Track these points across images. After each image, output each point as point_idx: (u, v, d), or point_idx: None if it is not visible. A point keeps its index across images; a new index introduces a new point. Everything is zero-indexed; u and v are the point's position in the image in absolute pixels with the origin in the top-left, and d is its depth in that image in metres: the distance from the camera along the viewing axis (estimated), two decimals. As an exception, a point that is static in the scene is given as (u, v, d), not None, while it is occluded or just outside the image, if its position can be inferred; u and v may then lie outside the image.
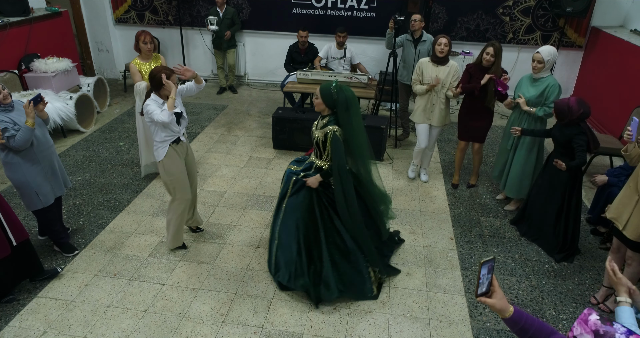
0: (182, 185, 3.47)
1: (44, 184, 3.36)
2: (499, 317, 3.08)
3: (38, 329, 2.98)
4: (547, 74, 3.89)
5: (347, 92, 2.99)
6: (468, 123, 4.42)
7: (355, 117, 3.03)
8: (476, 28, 6.84)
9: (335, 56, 6.04)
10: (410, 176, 4.91)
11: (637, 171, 2.88)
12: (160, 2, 7.40)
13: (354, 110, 3.01)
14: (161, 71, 3.18)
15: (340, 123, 3.02)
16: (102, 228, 3.99)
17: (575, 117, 3.37)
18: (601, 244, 3.93)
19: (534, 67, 3.83)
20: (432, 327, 3.06)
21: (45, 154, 3.36)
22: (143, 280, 3.41)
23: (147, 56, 4.28)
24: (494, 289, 1.64)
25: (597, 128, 6.02)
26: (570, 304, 3.29)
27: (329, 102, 2.99)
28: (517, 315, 1.62)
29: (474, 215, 4.32)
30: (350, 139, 3.05)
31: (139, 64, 4.26)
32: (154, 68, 3.25)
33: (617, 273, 1.83)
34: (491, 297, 1.63)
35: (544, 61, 3.76)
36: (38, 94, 3.30)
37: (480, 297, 1.63)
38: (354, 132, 3.03)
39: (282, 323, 3.06)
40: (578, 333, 1.45)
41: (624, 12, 6.41)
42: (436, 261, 3.68)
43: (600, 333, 1.41)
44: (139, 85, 4.19)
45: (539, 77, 3.88)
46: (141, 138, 4.50)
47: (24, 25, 5.85)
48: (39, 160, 3.31)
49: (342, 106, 2.96)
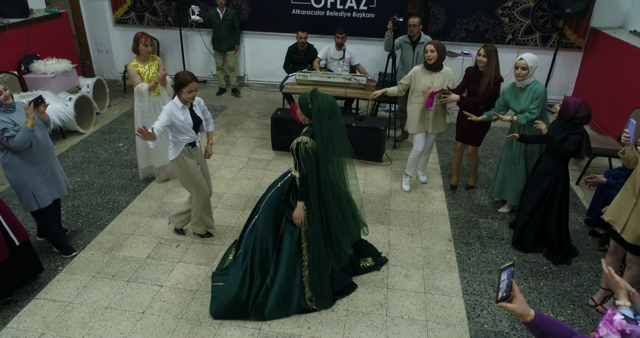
0: (198, 183, 3.57)
1: (42, 186, 3.37)
2: (494, 320, 3.10)
3: (36, 331, 2.98)
4: (532, 80, 3.81)
5: (322, 101, 2.82)
6: (465, 125, 4.39)
7: (334, 128, 2.85)
8: (475, 29, 6.84)
9: (334, 57, 6.04)
10: (406, 190, 4.71)
11: (635, 174, 2.87)
12: (159, 3, 7.41)
13: (333, 120, 2.84)
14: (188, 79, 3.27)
15: (314, 133, 2.86)
16: (100, 230, 4.00)
17: (577, 117, 3.32)
18: (599, 246, 3.92)
19: (518, 75, 3.73)
20: (430, 328, 3.06)
21: (45, 156, 3.36)
22: (141, 282, 3.42)
23: (145, 57, 4.28)
24: (514, 294, 1.65)
25: (596, 129, 6.02)
26: (568, 306, 3.29)
27: (306, 111, 2.88)
28: (538, 318, 1.63)
29: (472, 216, 4.33)
30: (324, 151, 2.87)
31: (137, 66, 4.26)
32: (181, 72, 3.32)
33: (615, 276, 1.82)
34: (511, 302, 1.64)
35: (528, 67, 3.68)
36: (39, 95, 3.31)
37: (501, 302, 1.64)
38: (329, 142, 2.85)
39: (279, 325, 3.06)
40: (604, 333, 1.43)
41: (623, 13, 6.41)
42: (434, 262, 3.69)
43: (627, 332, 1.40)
44: (141, 87, 4.19)
45: (524, 84, 3.80)
46: (140, 141, 4.50)
47: (23, 26, 5.87)
48: (37, 162, 3.31)
49: (316, 115, 2.82)
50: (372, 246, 3.76)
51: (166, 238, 3.90)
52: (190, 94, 3.31)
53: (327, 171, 2.97)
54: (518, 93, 3.88)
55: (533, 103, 3.76)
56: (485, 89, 4.07)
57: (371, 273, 3.55)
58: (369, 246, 3.74)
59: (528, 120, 3.79)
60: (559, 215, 3.67)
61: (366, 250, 3.67)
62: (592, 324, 3.14)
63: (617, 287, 1.81)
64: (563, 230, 3.71)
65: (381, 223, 4.17)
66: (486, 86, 4.07)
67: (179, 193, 4.58)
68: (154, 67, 4.33)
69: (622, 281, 1.81)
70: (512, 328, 3.08)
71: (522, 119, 3.81)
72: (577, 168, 5.11)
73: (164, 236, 3.92)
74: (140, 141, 4.49)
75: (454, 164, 4.76)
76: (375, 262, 3.60)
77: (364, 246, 3.67)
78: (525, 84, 3.80)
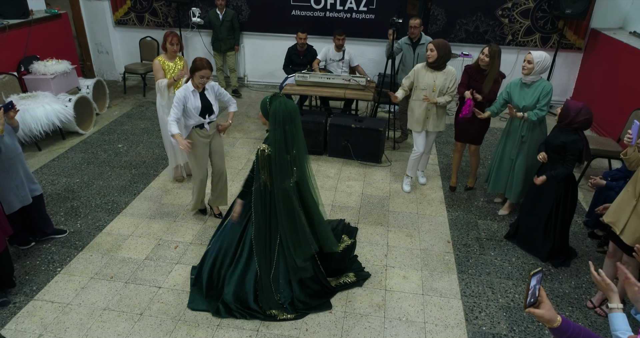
0: (198, 165, 3.91)
1: (9, 192, 3.36)
2: (493, 322, 3.09)
3: (34, 332, 2.98)
4: (539, 78, 3.84)
5: (279, 105, 2.75)
6: (465, 125, 4.39)
7: (291, 135, 2.79)
8: (475, 30, 6.83)
9: (333, 58, 6.04)
10: (406, 190, 4.72)
11: (636, 176, 2.86)
12: (159, 4, 7.42)
13: (291, 127, 2.77)
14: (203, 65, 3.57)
15: (269, 138, 2.83)
16: (99, 231, 4.00)
17: (576, 121, 3.30)
18: (598, 247, 3.92)
19: (524, 67, 3.79)
20: (428, 330, 3.06)
21: (13, 162, 3.35)
22: (139, 283, 3.42)
23: (172, 55, 4.39)
24: (541, 300, 1.64)
25: (596, 131, 6.01)
26: (567, 308, 3.29)
27: (266, 114, 2.87)
28: (565, 324, 1.63)
29: (471, 217, 4.32)
30: (278, 159, 2.83)
31: (164, 63, 4.35)
32: (199, 58, 3.63)
33: (605, 279, 1.82)
34: (539, 308, 1.64)
35: (534, 62, 3.71)
36: (10, 101, 3.31)
37: (529, 307, 1.64)
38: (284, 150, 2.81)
39: (277, 327, 3.06)
40: None
41: (624, 14, 6.40)
42: (433, 264, 3.68)
43: None
44: (161, 82, 4.30)
45: (531, 81, 3.82)
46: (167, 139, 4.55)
47: (23, 27, 5.87)
48: (6, 168, 3.30)
49: (271, 118, 2.79)
50: (357, 260, 3.65)
51: (165, 240, 3.90)
52: (202, 79, 3.61)
53: (281, 180, 2.90)
54: (523, 89, 3.90)
55: (543, 100, 3.79)
56: (493, 87, 4.12)
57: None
58: (353, 261, 3.62)
59: (538, 117, 3.82)
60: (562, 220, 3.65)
61: (348, 266, 3.52)
62: (591, 326, 3.13)
63: (609, 290, 1.81)
64: (565, 235, 3.70)
65: (380, 224, 4.17)
66: (492, 85, 4.11)
67: (178, 194, 4.58)
68: (180, 66, 4.42)
69: (612, 284, 1.82)
70: (510, 330, 3.08)
71: (532, 116, 3.82)
72: (577, 169, 5.10)
73: (163, 238, 3.92)
74: (167, 140, 4.53)
75: (453, 165, 4.76)
76: (357, 277, 3.44)
77: (345, 262, 3.52)
78: (531, 80, 3.82)
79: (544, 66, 3.76)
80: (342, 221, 4.05)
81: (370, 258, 3.72)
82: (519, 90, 3.92)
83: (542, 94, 3.79)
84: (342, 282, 3.40)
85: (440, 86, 4.23)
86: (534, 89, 3.83)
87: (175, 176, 4.80)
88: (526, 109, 3.86)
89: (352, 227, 4.06)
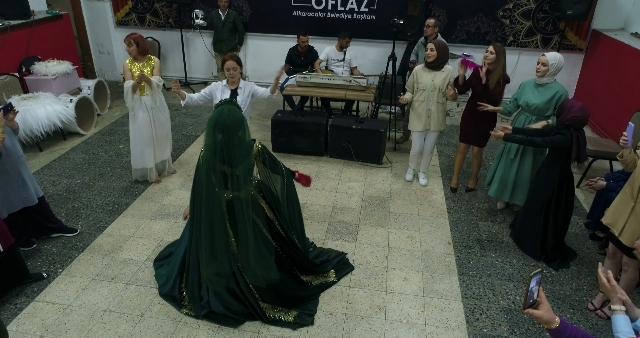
0: None
1: (10, 194, 3.36)
2: (493, 324, 3.09)
3: (35, 333, 2.99)
4: (553, 80, 3.84)
5: (218, 113, 2.62)
6: (470, 126, 4.40)
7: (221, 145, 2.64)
8: (476, 31, 6.83)
9: (335, 58, 6.05)
10: (408, 179, 4.93)
11: (633, 177, 2.87)
12: (161, 4, 7.42)
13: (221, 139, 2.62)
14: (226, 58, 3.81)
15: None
16: (100, 232, 4.00)
17: (567, 118, 3.31)
18: (600, 249, 3.91)
19: (538, 70, 3.79)
20: (429, 332, 3.06)
21: (14, 165, 3.35)
22: (140, 284, 3.42)
23: (137, 57, 4.34)
24: (540, 301, 1.66)
25: (597, 132, 6.01)
26: (568, 310, 3.28)
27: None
28: (563, 326, 1.64)
29: (472, 219, 4.32)
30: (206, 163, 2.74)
31: (130, 63, 4.34)
32: (227, 55, 3.83)
33: (612, 281, 1.83)
34: (538, 309, 1.65)
35: (548, 64, 3.72)
36: (9, 103, 3.31)
37: (528, 308, 1.65)
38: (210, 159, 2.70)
39: (278, 328, 3.06)
40: None
41: (625, 15, 6.39)
42: (433, 266, 3.68)
43: None
44: (127, 84, 4.29)
45: (544, 82, 3.83)
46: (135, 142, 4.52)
47: (24, 28, 5.88)
48: (7, 170, 3.31)
49: (207, 123, 2.68)
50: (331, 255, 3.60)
51: (166, 241, 3.90)
52: (229, 72, 3.80)
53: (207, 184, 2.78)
54: (536, 89, 3.90)
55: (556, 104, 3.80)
56: (496, 86, 4.09)
57: (370, 276, 3.54)
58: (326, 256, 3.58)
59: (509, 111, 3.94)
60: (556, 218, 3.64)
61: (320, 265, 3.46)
62: (592, 328, 3.13)
63: (612, 292, 1.82)
64: (560, 237, 3.70)
65: (381, 225, 4.17)
66: (496, 84, 4.09)
67: (179, 195, 4.59)
68: (148, 68, 4.35)
69: (618, 287, 1.82)
70: (511, 332, 3.07)
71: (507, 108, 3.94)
72: (578, 171, 5.09)
73: (164, 239, 3.92)
74: (136, 142, 4.51)
75: (455, 166, 4.76)
76: (337, 274, 3.45)
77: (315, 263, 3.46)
78: (544, 81, 3.83)
79: (558, 67, 3.77)
80: (342, 256, 3.68)
81: (371, 259, 3.72)
82: (531, 89, 3.94)
83: (557, 97, 3.78)
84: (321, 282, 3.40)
85: (440, 85, 4.28)
86: (548, 91, 3.83)
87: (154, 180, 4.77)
88: (535, 108, 3.87)
89: (349, 265, 3.62)
